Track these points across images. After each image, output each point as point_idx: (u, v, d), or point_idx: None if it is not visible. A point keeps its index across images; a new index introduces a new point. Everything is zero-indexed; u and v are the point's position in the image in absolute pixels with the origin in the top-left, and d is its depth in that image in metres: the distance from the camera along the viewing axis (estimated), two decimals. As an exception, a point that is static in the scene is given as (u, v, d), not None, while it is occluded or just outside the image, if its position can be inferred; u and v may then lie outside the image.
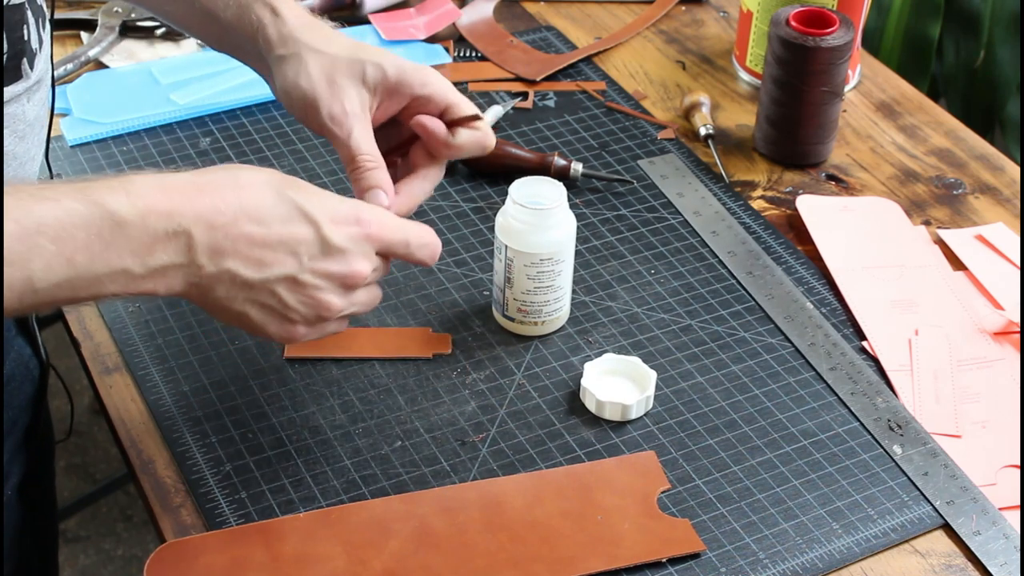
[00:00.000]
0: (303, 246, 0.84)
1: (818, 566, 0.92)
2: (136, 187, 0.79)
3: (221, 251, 0.81)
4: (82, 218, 0.76)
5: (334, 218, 0.85)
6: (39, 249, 0.75)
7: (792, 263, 1.17)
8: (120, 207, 0.78)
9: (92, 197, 0.77)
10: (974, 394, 1.05)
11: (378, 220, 0.88)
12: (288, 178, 0.86)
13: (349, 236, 0.86)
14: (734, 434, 1.01)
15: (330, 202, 0.86)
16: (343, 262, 0.86)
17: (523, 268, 1.03)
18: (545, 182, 1.03)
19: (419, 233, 0.91)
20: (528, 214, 1.02)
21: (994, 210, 1.24)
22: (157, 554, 0.89)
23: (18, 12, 0.87)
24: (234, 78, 1.33)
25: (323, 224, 0.84)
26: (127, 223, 0.78)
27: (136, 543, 2.06)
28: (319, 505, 0.94)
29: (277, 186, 0.84)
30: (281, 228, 0.83)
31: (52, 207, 0.76)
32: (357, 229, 0.86)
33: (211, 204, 0.81)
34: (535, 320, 1.07)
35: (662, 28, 1.47)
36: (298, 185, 0.86)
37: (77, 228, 0.76)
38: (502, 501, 0.94)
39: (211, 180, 0.83)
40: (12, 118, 0.90)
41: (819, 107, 1.24)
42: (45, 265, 0.76)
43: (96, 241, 0.77)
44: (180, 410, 1.00)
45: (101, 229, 0.77)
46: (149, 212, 0.78)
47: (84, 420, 2.21)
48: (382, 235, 0.88)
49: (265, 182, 0.84)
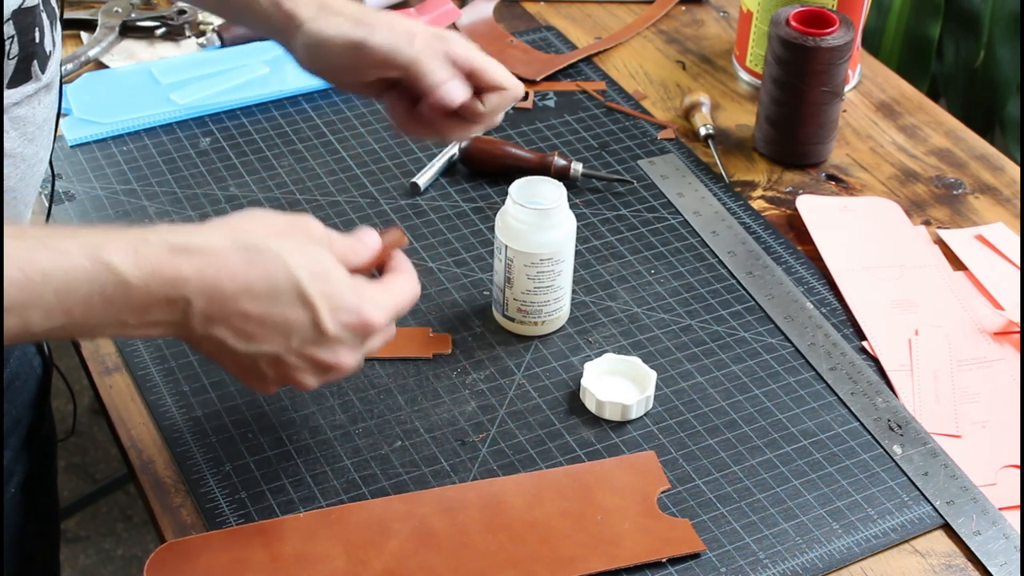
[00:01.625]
0: (296, 330, 0.83)
1: (818, 566, 0.92)
2: (147, 248, 0.79)
3: (214, 320, 0.81)
4: (87, 275, 0.77)
5: (335, 306, 0.84)
6: (40, 299, 0.76)
7: (792, 263, 1.17)
8: (126, 269, 0.78)
9: (100, 256, 0.77)
10: (974, 394, 1.05)
11: (378, 310, 0.86)
12: (306, 253, 0.84)
13: (345, 326, 0.84)
14: (734, 434, 1.01)
15: (337, 287, 0.84)
16: (331, 352, 0.85)
17: (523, 268, 1.03)
18: (545, 182, 1.03)
19: (405, 296, 0.90)
20: (528, 214, 1.02)
21: (994, 210, 1.24)
22: (157, 554, 0.89)
23: (30, 15, 0.87)
24: (234, 78, 1.33)
25: (321, 311, 0.83)
26: (130, 285, 0.78)
27: (136, 543, 2.06)
28: (319, 505, 0.94)
29: (289, 263, 0.82)
30: (279, 309, 0.82)
31: (59, 260, 0.76)
32: (356, 320, 0.85)
33: (216, 276, 0.80)
34: (535, 320, 1.07)
35: (662, 28, 1.47)
36: (313, 263, 0.84)
37: (80, 284, 0.77)
38: (502, 501, 0.94)
39: (224, 247, 0.81)
40: (21, 120, 0.90)
41: (819, 107, 1.24)
42: (44, 314, 0.76)
43: (98, 298, 0.77)
44: (180, 410, 1.00)
45: (104, 288, 0.77)
46: (154, 276, 0.79)
47: (84, 420, 2.21)
48: (380, 324, 0.86)
49: (278, 257, 0.82)
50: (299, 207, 1.20)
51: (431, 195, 1.22)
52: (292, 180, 1.23)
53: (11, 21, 0.85)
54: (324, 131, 1.29)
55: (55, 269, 0.76)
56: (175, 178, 1.23)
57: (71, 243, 0.77)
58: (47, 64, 0.91)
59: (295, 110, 1.32)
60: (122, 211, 1.19)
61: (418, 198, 1.22)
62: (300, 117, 1.31)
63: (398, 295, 0.89)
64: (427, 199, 1.22)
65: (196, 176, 1.23)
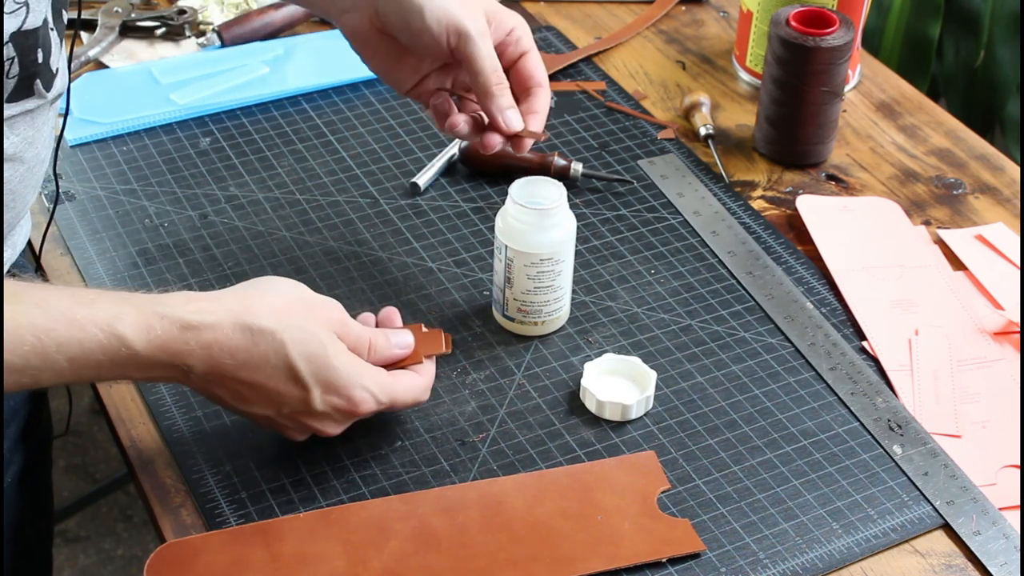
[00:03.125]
0: (287, 402, 0.91)
1: (818, 566, 0.92)
2: (160, 326, 0.86)
3: (212, 381, 0.89)
4: (100, 346, 0.84)
5: (328, 387, 0.90)
6: (53, 365, 0.83)
7: (792, 263, 1.17)
8: (139, 344, 0.85)
9: (115, 330, 0.84)
10: (974, 394, 1.05)
11: (369, 398, 0.92)
12: (307, 336, 0.90)
13: (333, 406, 0.92)
14: (734, 434, 1.01)
15: (331, 372, 0.90)
16: (318, 422, 0.93)
17: (523, 268, 1.03)
18: (545, 182, 1.03)
19: (405, 397, 0.95)
20: (528, 214, 1.02)
21: (994, 210, 1.24)
22: (157, 554, 0.89)
23: (32, 37, 0.87)
24: (234, 78, 1.33)
25: (313, 390, 0.90)
26: (139, 355, 0.85)
27: (136, 543, 2.06)
28: (319, 505, 0.94)
29: (287, 346, 0.89)
30: (273, 384, 0.89)
31: (75, 332, 0.83)
32: (344, 404, 0.92)
33: (219, 354, 0.88)
34: (535, 320, 1.07)
35: (662, 28, 1.47)
36: (311, 346, 0.89)
37: (94, 353, 0.84)
38: (502, 501, 0.94)
39: (229, 325, 0.88)
40: (22, 125, 0.91)
41: (819, 107, 1.24)
42: (55, 375, 0.84)
43: (108, 363, 0.85)
44: (180, 410, 1.00)
45: (116, 356, 0.85)
46: (162, 350, 0.86)
47: (84, 420, 2.21)
48: (367, 412, 0.93)
49: (276, 339, 0.89)
50: (299, 207, 1.20)
51: (431, 195, 1.22)
52: (292, 180, 1.23)
53: (10, 43, 0.85)
54: (324, 131, 1.29)
55: (69, 340, 0.83)
56: (175, 178, 1.23)
57: (86, 313, 0.84)
58: (52, 82, 0.92)
59: (295, 110, 1.32)
60: (122, 211, 1.19)
61: (418, 198, 1.22)
62: (300, 117, 1.31)
63: (396, 392, 0.94)
64: (427, 199, 1.22)
65: (196, 176, 1.23)
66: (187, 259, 1.14)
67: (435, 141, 1.28)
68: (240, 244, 1.16)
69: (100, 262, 1.13)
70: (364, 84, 1.35)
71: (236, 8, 1.45)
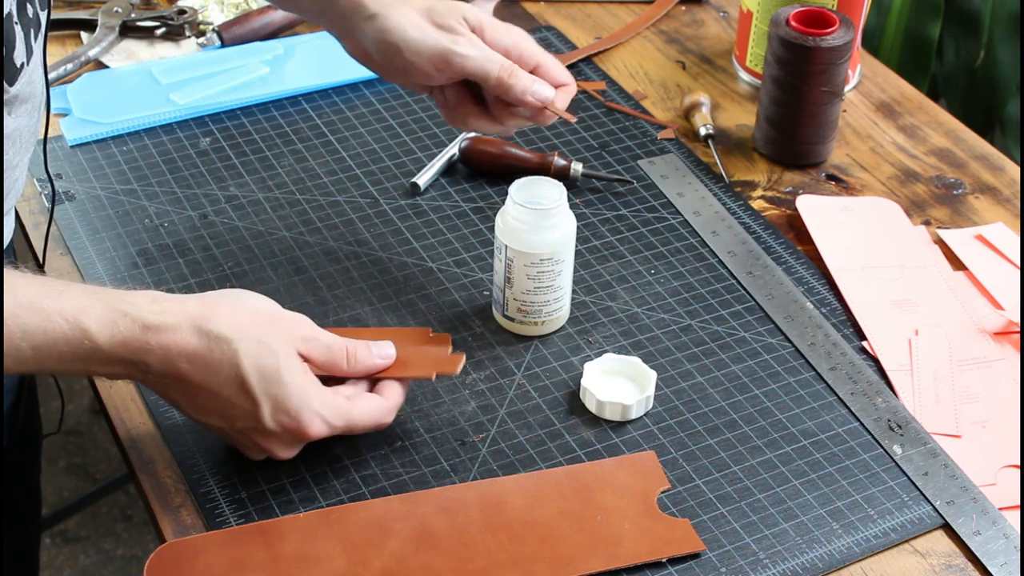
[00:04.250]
0: (238, 416, 0.91)
1: (818, 566, 0.92)
2: (123, 323, 0.87)
3: (169, 385, 0.90)
4: (63, 336, 0.86)
5: (276, 404, 0.90)
6: (16, 352, 0.85)
7: (792, 263, 1.17)
8: (101, 339, 0.87)
9: (80, 323, 0.86)
10: (974, 394, 1.05)
11: (320, 422, 0.92)
12: (263, 350, 0.90)
13: (282, 425, 0.91)
14: (734, 434, 1.01)
15: (283, 388, 0.90)
16: (267, 441, 0.93)
17: (523, 268, 1.03)
18: (545, 182, 1.03)
19: (363, 421, 0.94)
20: (528, 214, 1.02)
21: (994, 210, 1.24)
22: (157, 554, 0.89)
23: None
24: (234, 78, 1.33)
25: (262, 407, 0.90)
26: (101, 349, 0.87)
27: (136, 543, 2.06)
28: (319, 505, 0.94)
29: (240, 357, 0.89)
30: (226, 393, 0.90)
31: (41, 321, 0.85)
32: (293, 425, 0.91)
33: (176, 356, 0.88)
34: (535, 320, 1.07)
35: (662, 28, 1.47)
36: (265, 361, 0.89)
37: (58, 343, 0.86)
38: (502, 501, 0.94)
39: (188, 329, 0.88)
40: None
41: (819, 107, 1.24)
42: (16, 362, 0.86)
43: (69, 355, 0.86)
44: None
45: (77, 350, 0.86)
46: (124, 346, 0.87)
47: (84, 420, 2.21)
48: (316, 435, 0.92)
49: (231, 349, 0.89)
50: (299, 207, 1.20)
51: (431, 195, 1.22)
52: (292, 180, 1.23)
53: None
54: (324, 131, 1.29)
55: (35, 329, 0.85)
56: (175, 178, 1.23)
57: (53, 304, 0.85)
58: (16, 77, 0.91)
59: (295, 110, 1.32)
60: (122, 211, 1.19)
61: (418, 198, 1.22)
62: (300, 117, 1.31)
63: (353, 416, 0.93)
64: (427, 199, 1.22)
65: (196, 176, 1.23)
66: (187, 259, 1.14)
67: (435, 141, 1.28)
68: (240, 244, 1.16)
69: (100, 262, 1.13)
70: (364, 84, 1.35)
71: (236, 8, 1.45)
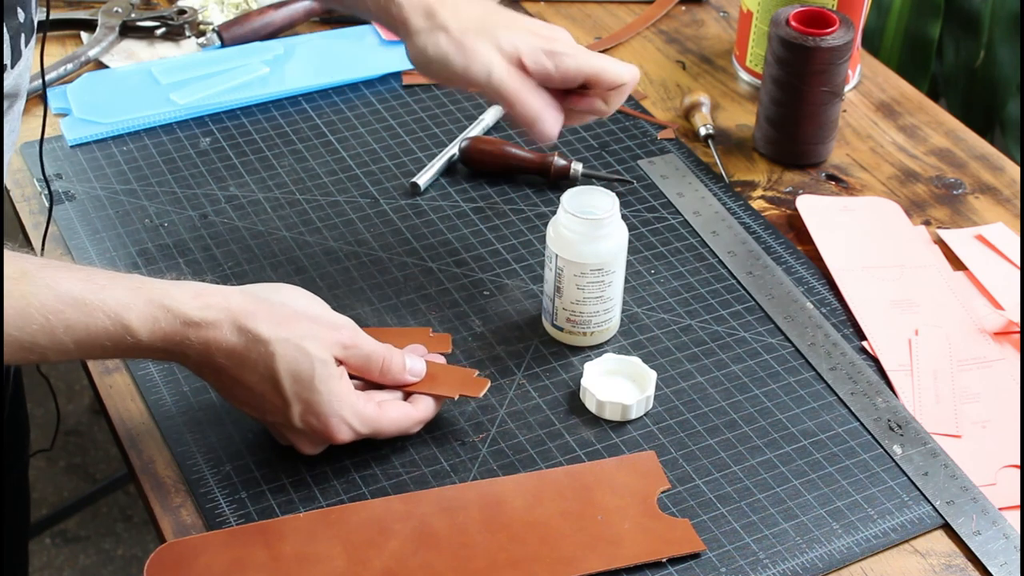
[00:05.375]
0: (269, 411, 0.93)
1: (818, 566, 0.92)
2: (164, 319, 0.88)
3: (204, 373, 0.92)
4: (107, 333, 0.87)
5: (307, 407, 0.92)
6: (60, 345, 0.86)
7: (792, 263, 1.17)
8: (143, 334, 0.88)
9: (122, 319, 0.87)
10: (974, 394, 1.05)
11: (347, 429, 0.93)
12: (299, 353, 0.91)
13: (310, 427, 0.93)
14: (734, 434, 1.01)
15: (314, 395, 0.91)
16: (295, 436, 0.94)
17: (573, 278, 1.03)
18: (597, 192, 1.02)
19: (390, 429, 0.96)
20: (580, 224, 1.01)
21: (994, 210, 1.24)
22: (157, 554, 0.89)
23: None
24: (234, 78, 1.33)
25: (293, 406, 0.91)
26: (142, 343, 0.88)
27: (136, 543, 2.06)
28: (319, 505, 0.94)
29: (276, 359, 0.90)
30: (259, 389, 0.91)
31: (83, 317, 0.86)
32: (320, 428, 0.93)
33: (215, 349, 0.90)
34: (584, 331, 1.06)
35: (662, 28, 1.47)
36: (300, 364, 0.91)
37: (100, 338, 0.87)
38: (502, 501, 0.94)
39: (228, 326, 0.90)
40: None
41: (819, 107, 1.24)
42: (61, 353, 0.87)
43: (112, 348, 0.88)
44: (180, 410, 1.01)
45: (119, 343, 0.88)
46: (164, 341, 0.89)
47: (84, 420, 2.21)
48: (342, 440, 0.94)
49: (268, 350, 0.90)
50: (299, 207, 1.20)
51: (431, 195, 1.22)
52: (292, 180, 1.23)
53: None
54: (324, 131, 1.29)
55: (77, 324, 0.86)
56: (175, 178, 1.23)
57: (96, 299, 0.86)
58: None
59: (295, 110, 1.32)
60: (122, 211, 1.19)
61: (418, 198, 1.22)
62: (300, 117, 1.31)
63: (381, 425, 0.95)
64: (427, 199, 1.22)
65: (196, 176, 1.23)
66: (187, 259, 1.14)
67: (435, 141, 1.28)
68: (240, 244, 1.16)
69: (100, 262, 1.13)
70: (364, 84, 1.35)
71: (236, 8, 1.45)
